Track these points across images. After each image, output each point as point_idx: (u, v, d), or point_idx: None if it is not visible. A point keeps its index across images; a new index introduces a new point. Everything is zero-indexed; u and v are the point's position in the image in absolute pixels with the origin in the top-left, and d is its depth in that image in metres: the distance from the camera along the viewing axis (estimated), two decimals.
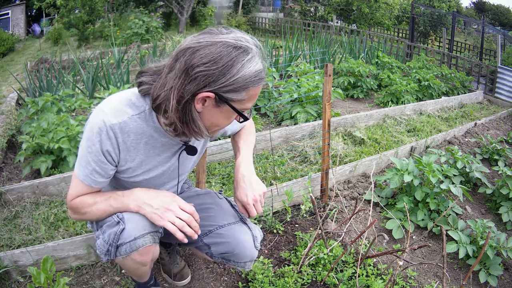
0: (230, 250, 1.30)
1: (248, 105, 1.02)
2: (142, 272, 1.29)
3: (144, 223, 1.10)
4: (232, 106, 0.99)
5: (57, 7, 9.53)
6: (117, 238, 1.08)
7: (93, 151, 1.05)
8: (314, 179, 2.32)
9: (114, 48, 5.35)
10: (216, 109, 1.00)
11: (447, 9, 12.86)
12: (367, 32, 10.21)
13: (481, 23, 10.34)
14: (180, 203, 1.12)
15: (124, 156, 1.10)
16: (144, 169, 1.16)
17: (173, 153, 1.19)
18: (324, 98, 2.07)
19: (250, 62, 0.95)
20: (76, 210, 1.14)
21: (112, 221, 1.10)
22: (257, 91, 1.01)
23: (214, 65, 0.92)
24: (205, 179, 1.85)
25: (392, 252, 1.34)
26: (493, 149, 3.29)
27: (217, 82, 0.93)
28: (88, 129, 1.05)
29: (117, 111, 1.05)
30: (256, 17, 13.00)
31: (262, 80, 0.99)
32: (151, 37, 8.54)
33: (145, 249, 1.11)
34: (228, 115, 1.03)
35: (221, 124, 1.06)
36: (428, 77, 5.30)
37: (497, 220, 2.54)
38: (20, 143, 2.85)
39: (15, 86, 4.72)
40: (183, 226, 1.09)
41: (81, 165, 1.08)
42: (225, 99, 0.96)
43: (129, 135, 1.07)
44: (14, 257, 1.59)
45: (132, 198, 1.11)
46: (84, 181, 1.09)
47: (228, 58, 0.92)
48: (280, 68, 5.19)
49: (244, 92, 0.97)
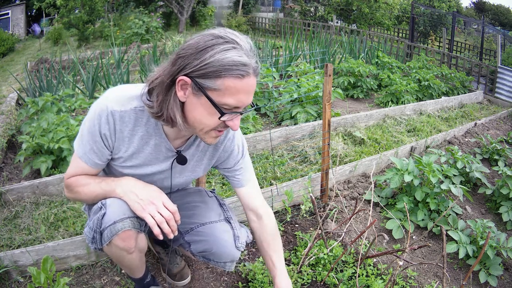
0: (208, 249, 1.31)
1: (229, 100, 0.96)
2: (130, 262, 1.28)
3: (124, 209, 1.11)
4: (209, 96, 0.95)
5: (57, 7, 9.53)
6: (99, 223, 1.11)
7: (92, 131, 1.09)
8: (314, 179, 2.32)
9: (114, 48, 5.34)
10: (196, 100, 0.98)
11: (447, 9, 12.86)
12: (367, 32, 10.22)
13: (481, 23, 10.35)
14: (164, 200, 1.13)
15: (118, 145, 1.13)
16: (133, 163, 1.17)
17: (166, 158, 1.19)
18: (324, 98, 2.07)
19: (229, 51, 0.93)
20: (70, 188, 1.18)
21: (97, 207, 1.14)
22: (238, 85, 0.95)
23: (190, 49, 0.94)
24: (205, 179, 1.85)
25: (392, 252, 1.34)
26: (493, 149, 3.29)
27: (191, 65, 0.94)
28: (91, 110, 1.09)
29: (122, 100, 1.08)
30: (256, 17, 13.01)
31: (243, 74, 0.94)
32: (151, 37, 8.54)
33: (125, 233, 1.12)
34: (209, 109, 0.98)
35: (204, 121, 1.01)
36: (428, 77, 5.30)
37: (497, 220, 2.54)
38: (20, 143, 2.85)
39: (15, 86, 4.72)
40: (162, 222, 1.10)
41: (82, 142, 1.12)
42: (200, 85, 0.95)
43: (127, 125, 1.09)
44: (14, 257, 1.59)
45: (121, 183, 1.14)
46: (82, 158, 1.13)
47: (205, 44, 0.93)
48: (280, 68, 5.19)
49: (220, 80, 0.93)
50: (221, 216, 1.36)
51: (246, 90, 0.97)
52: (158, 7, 12.18)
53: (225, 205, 1.43)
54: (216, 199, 1.44)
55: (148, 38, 8.49)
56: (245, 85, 0.96)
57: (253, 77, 0.98)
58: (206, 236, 1.31)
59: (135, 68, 5.70)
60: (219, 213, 1.37)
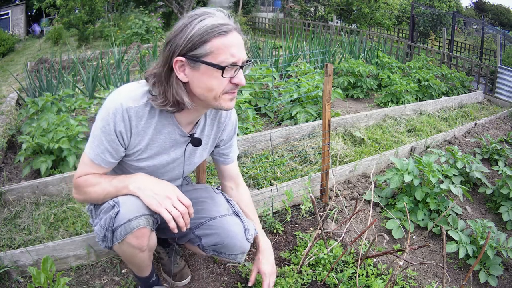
0: (219, 242, 1.32)
1: (224, 57, 1.03)
2: (140, 261, 1.28)
3: (138, 206, 1.12)
4: (205, 61, 1.03)
5: (57, 7, 9.54)
6: (112, 222, 1.11)
7: (106, 130, 1.10)
8: (314, 179, 2.32)
9: (114, 48, 5.35)
10: (197, 72, 1.05)
11: (447, 9, 12.87)
12: (367, 32, 10.22)
13: (481, 23, 10.35)
14: (179, 194, 1.15)
15: (134, 140, 1.15)
16: (149, 154, 1.19)
17: (179, 144, 1.23)
18: (324, 98, 2.07)
19: (205, 19, 1.02)
20: (80, 188, 1.18)
21: (108, 206, 1.14)
22: (226, 41, 1.02)
23: (173, 33, 1.05)
24: (205, 179, 1.85)
25: (392, 252, 1.34)
26: (493, 149, 3.29)
27: (178, 45, 1.03)
28: (104, 110, 1.11)
29: (135, 96, 1.11)
30: (256, 17, 13.01)
31: (225, 30, 1.02)
32: (151, 37, 8.54)
33: (140, 231, 1.12)
34: (211, 73, 1.04)
35: (212, 86, 1.06)
36: (428, 77, 5.30)
37: (497, 220, 2.54)
38: (20, 143, 2.85)
39: (15, 86, 4.72)
40: (178, 216, 1.11)
41: (93, 144, 1.13)
42: (193, 57, 1.02)
43: (141, 119, 1.13)
44: (14, 257, 1.59)
45: (134, 179, 1.15)
46: (94, 160, 1.14)
47: (183, 23, 1.04)
48: (280, 68, 5.19)
49: (208, 44, 1.01)
50: (229, 210, 1.39)
51: (235, 43, 1.04)
52: (158, 7, 12.19)
53: (231, 201, 1.46)
54: (222, 195, 1.47)
55: (148, 38, 8.50)
56: (232, 40, 1.04)
57: (237, 34, 1.06)
58: (217, 229, 1.33)
59: (135, 68, 5.70)
60: (227, 208, 1.40)
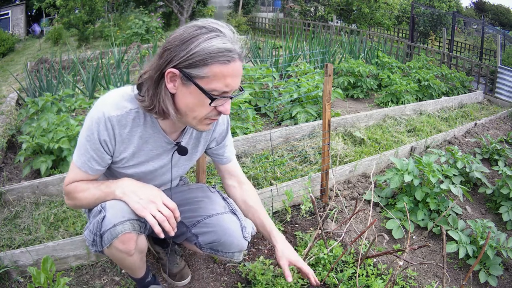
0: (216, 239, 1.32)
1: (218, 85, 0.99)
2: (130, 264, 1.28)
3: (124, 211, 1.12)
4: (197, 84, 0.99)
5: (57, 7, 9.54)
6: (99, 226, 1.11)
7: (91, 139, 1.09)
8: (314, 179, 2.32)
9: (114, 48, 5.35)
10: (186, 89, 1.01)
11: (447, 9, 12.87)
12: (367, 32, 10.22)
13: (481, 23, 10.35)
14: (164, 198, 1.15)
15: (119, 148, 1.14)
16: (135, 161, 1.19)
17: (166, 151, 1.22)
18: (324, 98, 2.07)
19: (213, 39, 0.96)
20: (70, 195, 1.18)
21: (96, 210, 1.14)
22: (225, 70, 0.98)
23: (175, 42, 0.98)
24: (205, 179, 1.85)
25: (392, 252, 1.34)
26: (493, 149, 3.29)
27: (178, 56, 0.97)
28: (88, 119, 1.10)
29: (117, 104, 1.10)
30: (256, 17, 13.01)
31: (228, 59, 0.97)
32: (151, 37, 8.55)
33: (125, 236, 1.12)
34: (198, 97, 1.01)
35: (196, 109, 1.04)
36: (428, 77, 5.30)
37: (497, 220, 2.54)
38: (20, 143, 2.85)
39: (15, 86, 4.72)
40: (163, 220, 1.11)
41: (80, 152, 1.13)
42: (188, 75, 0.98)
43: (125, 128, 1.11)
44: (14, 257, 1.59)
45: (120, 184, 1.15)
46: (81, 168, 1.14)
47: (190, 35, 0.97)
48: (280, 68, 5.19)
49: (207, 68, 0.96)
50: (226, 208, 1.38)
51: (233, 74, 1.00)
52: (158, 7, 12.20)
53: (228, 199, 1.46)
54: (218, 193, 1.47)
55: (148, 38, 8.50)
56: (232, 70, 0.99)
57: (239, 62, 1.01)
58: (214, 227, 1.32)
59: (135, 68, 5.70)
60: (224, 206, 1.39)
